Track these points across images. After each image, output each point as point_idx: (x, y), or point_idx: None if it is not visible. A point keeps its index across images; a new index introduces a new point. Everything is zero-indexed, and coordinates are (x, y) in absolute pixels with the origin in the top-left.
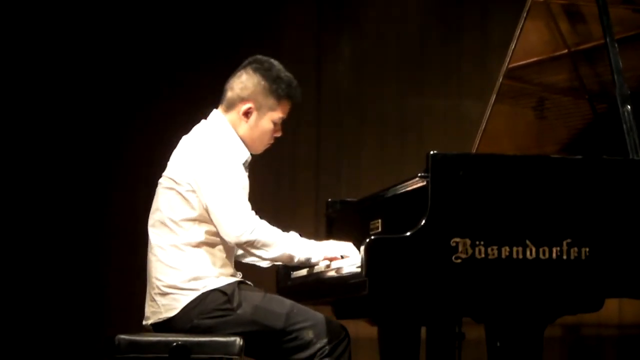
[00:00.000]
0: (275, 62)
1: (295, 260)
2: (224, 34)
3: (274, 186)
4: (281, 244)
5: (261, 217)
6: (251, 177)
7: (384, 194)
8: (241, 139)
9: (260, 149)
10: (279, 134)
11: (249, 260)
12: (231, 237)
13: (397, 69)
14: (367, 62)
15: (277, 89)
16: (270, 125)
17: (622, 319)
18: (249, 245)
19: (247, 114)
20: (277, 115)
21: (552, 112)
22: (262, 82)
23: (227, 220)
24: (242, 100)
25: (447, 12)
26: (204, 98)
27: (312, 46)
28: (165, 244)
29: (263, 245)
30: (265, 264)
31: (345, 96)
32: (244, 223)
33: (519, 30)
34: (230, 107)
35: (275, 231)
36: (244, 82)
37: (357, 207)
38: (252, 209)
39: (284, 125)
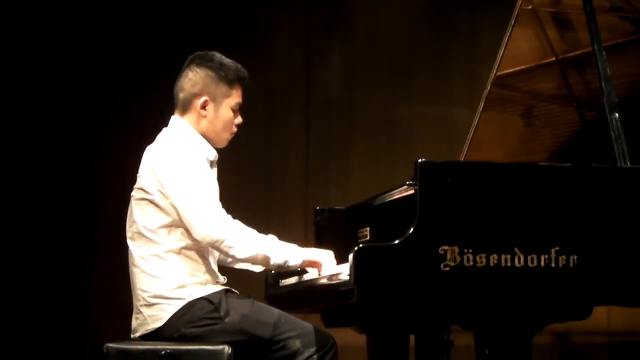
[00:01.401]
0: (215, 52)
1: (272, 262)
2: (213, 41)
3: (263, 193)
4: (255, 244)
5: (250, 226)
6: (239, 186)
7: (372, 202)
8: (204, 136)
9: (224, 139)
10: (239, 121)
11: (241, 265)
12: (202, 235)
13: (386, 75)
14: (357, 69)
15: (225, 75)
16: (230, 113)
17: (611, 326)
18: (220, 244)
19: (204, 107)
20: (234, 100)
21: (541, 119)
22: (210, 73)
23: (196, 219)
24: (196, 96)
25: (436, 19)
26: None
27: (301, 53)
28: (146, 254)
29: (236, 244)
30: (256, 269)
31: (335, 103)
32: (213, 221)
33: (507, 38)
34: (185, 108)
35: (250, 231)
36: (191, 79)
37: (346, 215)
38: (240, 217)
39: (273, 131)
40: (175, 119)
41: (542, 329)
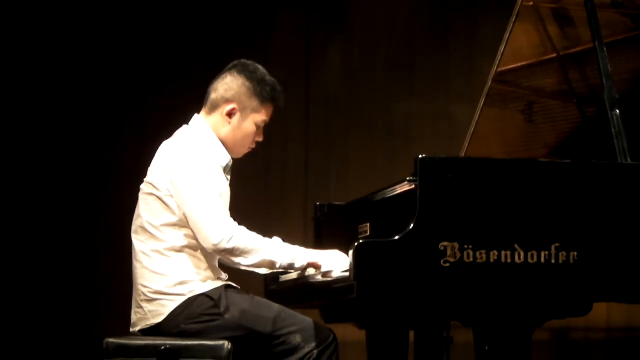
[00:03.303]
0: (260, 66)
1: (277, 265)
2: (214, 39)
3: (263, 190)
4: (261, 251)
5: (251, 222)
6: (240, 182)
7: (372, 198)
8: (223, 141)
9: (241, 152)
10: (260, 139)
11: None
12: (209, 245)
13: (385, 72)
14: (356, 66)
15: (261, 91)
16: (253, 128)
17: (610, 322)
18: (227, 253)
19: (230, 115)
20: (261, 117)
21: (541, 116)
22: (247, 84)
23: (204, 228)
24: (226, 101)
25: (436, 16)
26: (194, 102)
27: (301, 50)
28: (148, 250)
29: (242, 253)
30: (261, 271)
31: (334, 100)
32: (221, 231)
33: (508, 34)
34: (213, 109)
35: (255, 237)
36: (228, 83)
37: (346, 211)
38: (241, 213)
39: (273, 128)
40: (198, 119)
41: (541, 325)
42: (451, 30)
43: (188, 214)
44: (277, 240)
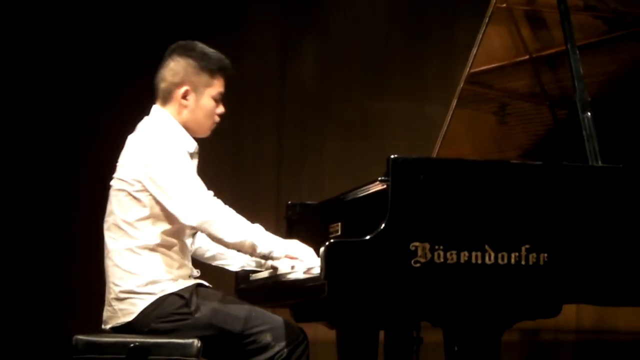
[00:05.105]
0: (197, 42)
1: (258, 250)
2: (187, 33)
3: (234, 187)
4: (244, 230)
5: None
6: (210, 180)
7: (344, 197)
8: (185, 126)
9: (207, 130)
10: (222, 111)
11: (218, 263)
12: (191, 216)
13: (361, 71)
14: (331, 64)
15: (206, 64)
16: (212, 103)
17: (580, 324)
18: (210, 225)
19: (185, 97)
20: (215, 90)
21: (513, 117)
22: (191, 62)
23: (184, 201)
24: (177, 85)
25: (412, 16)
26: None
27: (276, 47)
28: (120, 248)
29: (225, 225)
30: (233, 265)
31: (309, 98)
32: (202, 201)
33: (481, 36)
34: (167, 97)
35: (239, 217)
36: (173, 68)
37: (317, 210)
38: None
39: (246, 125)
40: (156, 109)
41: (511, 326)
42: (427, 30)
43: (168, 197)
44: (258, 226)
